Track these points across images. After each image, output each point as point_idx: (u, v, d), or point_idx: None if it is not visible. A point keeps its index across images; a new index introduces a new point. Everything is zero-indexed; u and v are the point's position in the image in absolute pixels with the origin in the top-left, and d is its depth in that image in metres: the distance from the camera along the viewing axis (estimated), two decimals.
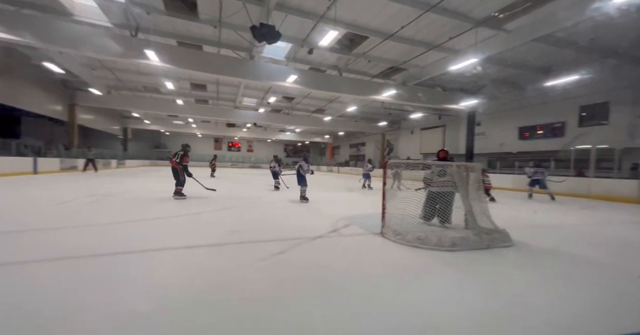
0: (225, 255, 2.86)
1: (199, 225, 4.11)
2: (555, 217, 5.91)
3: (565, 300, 2.09)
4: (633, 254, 3.48)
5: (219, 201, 6.31)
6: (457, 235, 3.50)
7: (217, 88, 16.49)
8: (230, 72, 9.89)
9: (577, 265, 2.91)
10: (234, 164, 35.22)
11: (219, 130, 30.43)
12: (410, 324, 1.71)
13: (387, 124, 23.84)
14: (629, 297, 2.20)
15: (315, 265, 2.65)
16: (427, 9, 7.14)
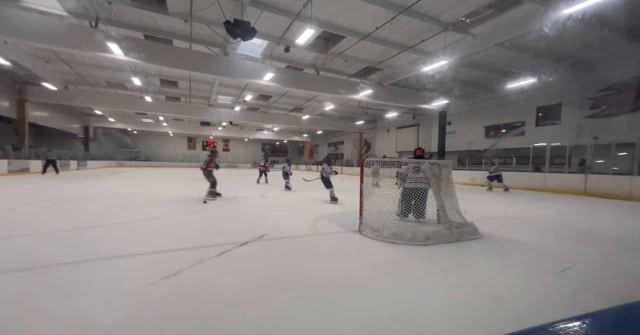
0: (200, 259, 2.76)
1: (172, 229, 3.92)
2: (516, 209, 6.39)
3: (525, 287, 2.27)
4: (579, 240, 3.86)
5: (194, 203, 6.06)
6: (430, 229, 3.66)
7: (189, 85, 15.78)
8: (203, 68, 9.50)
9: (535, 253, 3.18)
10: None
11: (193, 129, 29.18)
12: (388, 317, 1.76)
13: (365, 123, 24.31)
14: (580, 281, 2.44)
15: (294, 265, 2.64)
16: (400, 12, 7.36)
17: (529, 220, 5.21)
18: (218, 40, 9.50)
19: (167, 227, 4.01)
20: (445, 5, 7.49)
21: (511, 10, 7.49)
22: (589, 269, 2.73)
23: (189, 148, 36.45)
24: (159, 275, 2.32)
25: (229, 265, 2.61)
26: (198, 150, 36.85)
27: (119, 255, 2.75)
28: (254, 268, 2.54)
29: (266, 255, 2.89)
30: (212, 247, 3.11)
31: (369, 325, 1.67)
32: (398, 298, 2.02)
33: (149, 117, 25.78)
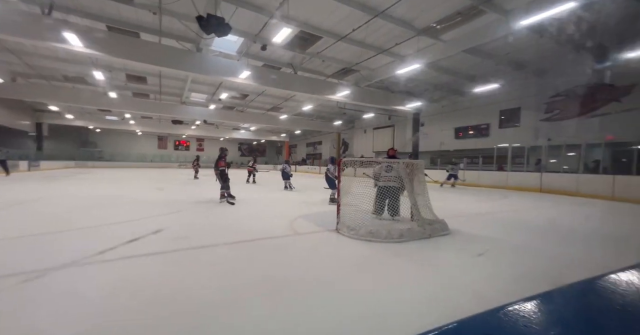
0: (171, 264, 2.63)
1: (140, 234, 3.69)
2: (482, 206, 6.84)
3: (490, 277, 2.44)
4: (534, 233, 4.22)
5: (165, 205, 5.76)
6: (404, 227, 3.80)
7: (159, 81, 14.95)
8: (174, 64, 9.04)
9: (497, 246, 3.43)
10: (182, 164, 32.46)
11: (164, 127, 27.67)
12: (364, 313, 1.80)
13: (342, 123, 24.60)
14: (535, 269, 2.67)
15: (270, 266, 2.61)
16: (375, 15, 7.55)
17: (493, 216, 5.59)
18: (190, 35, 9.10)
19: (134, 232, 3.77)
20: (418, 11, 7.80)
21: (477, 18, 7.99)
22: (545, 259, 2.99)
23: (160, 147, 34.53)
24: (127, 282, 2.18)
25: (202, 269, 2.51)
26: (170, 149, 35.03)
27: (80, 263, 2.54)
28: (228, 271, 2.47)
29: (242, 258, 2.83)
30: (185, 251, 2.98)
31: (346, 323, 1.70)
32: (373, 294, 2.08)
33: (114, 115, 24.03)
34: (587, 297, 0.58)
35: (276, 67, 12.20)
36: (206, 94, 17.85)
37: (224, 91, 16.66)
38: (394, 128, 20.71)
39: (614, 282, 0.61)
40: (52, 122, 23.50)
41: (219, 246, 3.18)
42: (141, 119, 25.87)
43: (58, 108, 20.11)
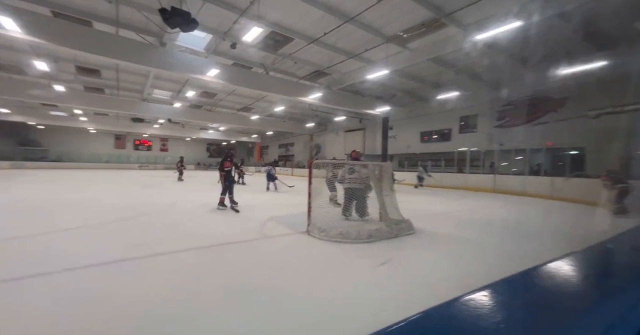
0: (124, 274, 2.41)
1: (92, 242, 3.34)
2: (444, 206, 7.31)
3: (447, 273, 2.60)
4: (487, 230, 4.62)
5: (123, 209, 5.28)
6: (373, 227, 3.91)
7: (116, 75, 13.74)
8: (134, 58, 8.37)
9: (456, 243, 3.68)
10: (142, 165, 30.16)
11: (122, 125, 25.48)
12: (331, 314, 1.81)
13: (315, 125, 24.72)
14: (487, 262, 2.91)
15: (237, 272, 2.52)
16: (346, 20, 7.73)
17: (453, 215, 6.00)
18: (153, 29, 8.52)
19: (86, 240, 3.41)
20: (386, 20, 8.15)
21: (439, 30, 8.56)
22: (495, 253, 3.27)
23: (117, 147, 31.67)
24: (75, 296, 1.95)
25: (161, 278, 2.34)
26: (128, 149, 32.31)
27: (26, 276, 2.22)
28: (189, 279, 2.34)
29: (206, 264, 2.70)
30: (143, 258, 2.76)
31: (312, 325, 1.69)
32: (341, 295, 2.10)
33: (61, 110, 21.57)
34: (528, 285, 0.65)
35: (247, 66, 11.90)
36: (171, 91, 16.80)
37: (190, 89, 15.83)
38: (364, 131, 21.30)
39: (550, 270, 0.69)
40: None
41: (182, 252, 3.00)
42: (95, 115, 23.53)
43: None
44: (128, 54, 8.24)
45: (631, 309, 0.49)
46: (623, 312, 0.48)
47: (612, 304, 0.53)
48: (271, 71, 12.00)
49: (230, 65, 11.36)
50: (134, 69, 12.07)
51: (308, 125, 24.62)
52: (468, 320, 0.47)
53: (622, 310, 0.49)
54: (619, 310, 0.50)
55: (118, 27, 8.12)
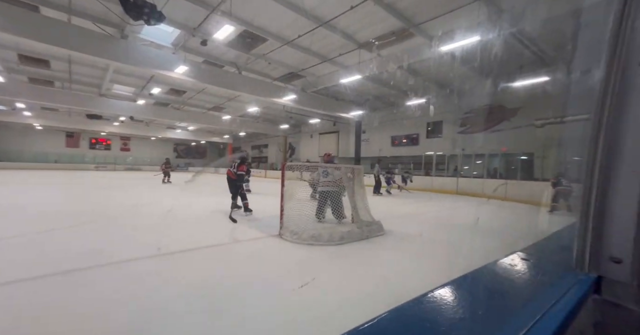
0: (74, 285, 2.18)
1: (38, 250, 2.97)
2: (412, 207, 7.66)
3: (414, 271, 2.72)
4: (450, 229, 4.93)
5: (72, 215, 4.77)
6: (345, 229, 3.97)
7: (68, 67, 12.49)
8: (90, 50, 7.68)
9: (423, 243, 3.87)
10: (99, 165, 27.63)
11: (75, 122, 23.15)
12: (301, 318, 1.80)
13: (289, 127, 24.57)
14: (450, 260, 3.10)
15: (204, 278, 2.41)
16: (320, 24, 7.83)
17: (420, 216, 6.31)
18: (113, 19, 7.89)
19: (31, 248, 3.02)
20: (358, 26, 8.40)
21: (408, 40, 9.02)
22: (458, 251, 3.50)
23: (69, 146, 28.66)
24: (20, 312, 1.71)
25: (116, 289, 2.15)
26: (83, 148, 29.42)
27: None
28: (149, 289, 2.18)
29: (168, 272, 2.53)
30: (97, 268, 2.52)
31: (282, 331, 1.67)
32: (311, 297, 2.10)
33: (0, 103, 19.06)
34: (482, 280, 0.70)
35: (218, 64, 11.51)
36: (134, 87, 15.66)
37: (156, 85, 14.90)
38: (338, 134, 21.65)
39: (504, 265, 0.76)
40: None
41: (142, 260, 2.79)
42: (42, 110, 21.13)
43: None
44: (82, 44, 7.54)
45: (558, 301, 0.55)
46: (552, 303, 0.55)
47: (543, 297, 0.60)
48: (244, 71, 11.74)
49: (200, 62, 10.90)
50: (91, 61, 11.05)
51: (282, 126, 24.40)
52: (432, 316, 0.50)
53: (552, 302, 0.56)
54: (549, 302, 0.56)
55: (70, 15, 7.41)
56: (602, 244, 0.69)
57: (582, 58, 1.08)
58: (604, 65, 0.68)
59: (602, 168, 0.68)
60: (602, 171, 0.68)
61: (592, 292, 0.68)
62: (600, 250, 0.69)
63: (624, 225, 0.65)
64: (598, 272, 0.69)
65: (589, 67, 0.83)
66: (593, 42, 0.79)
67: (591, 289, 0.67)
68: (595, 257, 0.70)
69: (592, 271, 0.70)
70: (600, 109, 0.68)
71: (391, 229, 4.50)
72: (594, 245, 0.69)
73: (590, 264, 0.70)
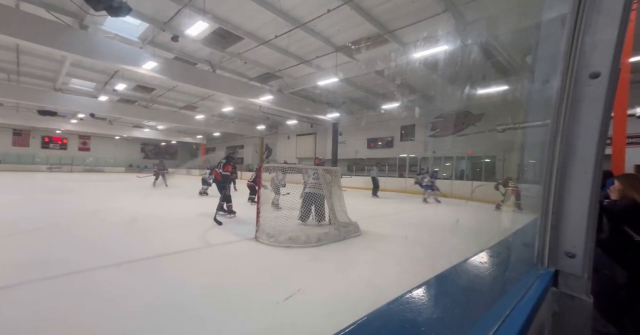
0: (25, 300, 1.94)
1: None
2: (386, 208, 7.88)
3: (388, 271, 2.79)
4: (421, 229, 5.14)
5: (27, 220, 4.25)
6: (322, 231, 3.97)
7: (16, 57, 11.23)
8: (42, 39, 6.95)
9: (397, 243, 3.99)
10: (53, 166, 25.08)
11: (24, 119, 20.85)
12: (276, 322, 1.75)
13: (266, 128, 24.17)
14: (422, 259, 3.21)
15: (170, 287, 2.26)
16: (297, 26, 7.82)
17: (393, 216, 6.51)
18: (70, 8, 7.24)
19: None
20: (335, 30, 8.51)
21: (382, 45, 9.31)
22: (429, 249, 3.64)
23: (17, 144, 25.74)
24: None
25: (73, 301, 1.95)
26: (34, 147, 26.58)
27: None
28: (110, 300, 2.00)
29: (132, 281, 2.35)
30: (52, 279, 2.26)
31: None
32: (285, 302, 2.06)
33: None
34: (456, 279, 0.72)
35: (191, 62, 11.03)
36: (95, 82, 14.47)
37: (121, 81, 13.90)
38: (315, 136, 21.71)
39: (475, 264, 0.79)
40: None
41: (103, 268, 2.56)
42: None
43: None
44: (33, 33, 6.83)
45: (523, 296, 0.59)
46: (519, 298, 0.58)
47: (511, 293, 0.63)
48: (219, 69, 11.36)
49: (171, 59, 10.37)
50: (44, 52, 10.04)
51: (259, 127, 23.94)
52: (411, 317, 0.50)
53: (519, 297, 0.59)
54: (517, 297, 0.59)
55: (19, 0, 6.68)
56: (559, 240, 0.74)
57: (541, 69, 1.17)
58: (560, 75, 0.74)
59: (559, 170, 0.73)
60: (559, 172, 0.74)
61: (550, 285, 0.73)
62: (557, 246, 0.75)
63: (577, 222, 0.71)
64: (556, 267, 0.75)
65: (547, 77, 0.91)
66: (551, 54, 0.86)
67: (550, 283, 0.73)
68: (553, 252, 0.75)
69: (550, 266, 0.75)
70: (556, 116, 0.74)
71: (367, 229, 4.58)
72: (552, 242, 0.75)
73: (549, 259, 0.76)
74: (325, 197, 4.57)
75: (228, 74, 12.10)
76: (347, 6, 6.76)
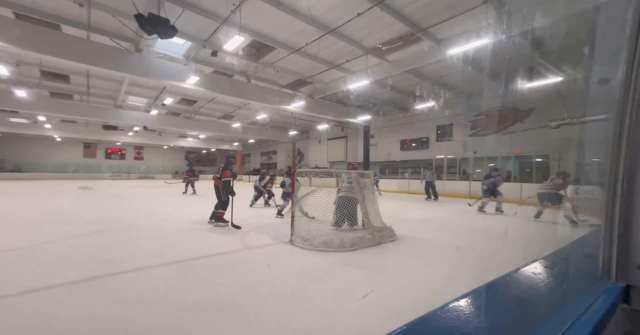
0: (89, 295, 2.24)
1: (53, 258, 3.08)
2: (424, 212, 7.52)
3: (428, 279, 2.66)
4: (464, 235, 4.79)
5: (73, 224, 4.93)
6: (356, 235, 3.93)
7: (87, 81, 13.08)
8: (107, 64, 8.03)
9: (437, 248, 3.78)
10: (114, 174, 28.47)
11: (92, 133, 24.06)
12: (314, 326, 1.78)
13: (297, 133, 24.77)
14: (466, 267, 3.01)
15: (218, 285, 2.42)
16: (327, 32, 7.94)
17: (432, 221, 6.18)
18: (128, 34, 8.25)
19: (47, 257, 3.13)
20: (365, 32, 8.47)
21: (415, 44, 9.02)
22: (472, 257, 3.40)
23: (86, 156, 29.78)
24: (29, 326, 1.77)
25: (130, 297, 2.19)
26: (99, 158, 30.49)
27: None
28: (163, 297, 2.21)
29: (182, 279, 2.56)
30: (110, 277, 2.58)
31: None
32: (322, 307, 2.08)
33: (22, 117, 20.07)
34: (508, 289, 0.68)
35: (228, 74, 11.80)
36: (147, 98, 16.21)
37: (168, 96, 15.37)
38: (346, 139, 21.64)
39: (527, 274, 0.73)
40: None
41: (155, 268, 2.84)
42: (61, 123, 22.11)
43: None
44: (100, 59, 7.90)
45: (586, 311, 0.53)
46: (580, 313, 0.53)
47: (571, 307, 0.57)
48: (253, 79, 11.97)
49: (210, 72, 11.20)
50: (107, 75, 11.56)
51: (291, 133, 24.62)
52: (459, 325, 0.49)
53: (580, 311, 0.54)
54: (577, 311, 0.54)
55: (90, 32, 7.79)
56: (629, 251, 0.66)
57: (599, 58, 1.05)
58: (625, 64, 0.66)
59: (626, 171, 0.65)
60: (626, 174, 0.66)
61: (620, 302, 0.65)
62: (627, 258, 0.66)
63: None
64: (626, 281, 0.66)
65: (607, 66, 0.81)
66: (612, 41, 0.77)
67: (619, 299, 0.65)
68: (622, 265, 0.67)
69: (620, 280, 0.67)
70: (621, 111, 0.66)
71: (403, 234, 4.43)
72: (620, 253, 0.67)
73: (618, 273, 0.67)
74: (359, 201, 4.53)
75: (262, 83, 12.70)
76: (377, 8, 6.69)
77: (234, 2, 6.57)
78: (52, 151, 27.69)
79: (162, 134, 26.94)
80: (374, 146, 18.64)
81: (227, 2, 6.74)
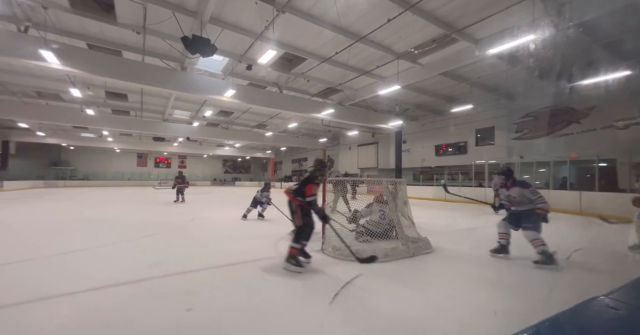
0: (141, 295, 2.43)
1: (109, 260, 3.43)
2: (463, 222, 6.98)
3: (471, 300, 2.42)
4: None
5: (129, 228, 5.43)
6: (389, 246, 3.77)
7: (141, 98, 14.70)
8: (158, 82, 8.97)
9: (480, 264, 3.46)
10: (161, 181, 31.20)
11: (144, 144, 26.84)
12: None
13: (327, 140, 24.96)
14: (515, 288, 2.69)
15: (254, 291, 2.48)
16: (357, 40, 7.97)
17: (472, 232, 5.70)
18: (175, 55, 9.15)
19: (103, 258, 3.50)
20: (396, 37, 8.34)
21: (450, 46, 8.63)
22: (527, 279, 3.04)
23: (139, 165, 33.24)
24: (89, 318, 1.98)
25: (175, 299, 2.33)
26: (150, 167, 33.77)
27: (45, 297, 2.29)
28: (208, 299, 2.31)
29: (224, 283, 2.67)
30: (159, 279, 2.78)
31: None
32: (354, 319, 2.00)
33: (90, 132, 23.12)
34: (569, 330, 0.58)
35: (262, 86, 12.40)
36: (190, 111, 17.69)
37: (208, 109, 16.59)
38: (377, 145, 21.22)
39: (588, 313, 0.62)
40: (20, 140, 22.20)
41: (198, 272, 3.01)
42: (120, 136, 25.03)
43: (28, 125, 19.11)
44: (153, 78, 8.84)
45: None
46: None
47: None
48: (285, 90, 12.42)
49: (245, 85, 11.87)
50: (157, 92, 12.89)
51: (321, 140, 24.91)
52: None
53: None
54: None
55: (144, 55, 8.79)
56: None
57: None
58: None
59: None
60: None
61: None
62: None
63: None
64: None
65: None
66: None
67: None
68: None
69: None
70: None
71: (440, 246, 4.15)
72: None
73: None
74: (391, 210, 4.36)
75: (293, 93, 13.11)
76: (409, 12, 6.55)
77: (267, 19, 6.93)
78: (112, 161, 31.36)
79: (202, 144, 29.03)
80: (406, 152, 18.00)
81: (261, 18, 7.15)
